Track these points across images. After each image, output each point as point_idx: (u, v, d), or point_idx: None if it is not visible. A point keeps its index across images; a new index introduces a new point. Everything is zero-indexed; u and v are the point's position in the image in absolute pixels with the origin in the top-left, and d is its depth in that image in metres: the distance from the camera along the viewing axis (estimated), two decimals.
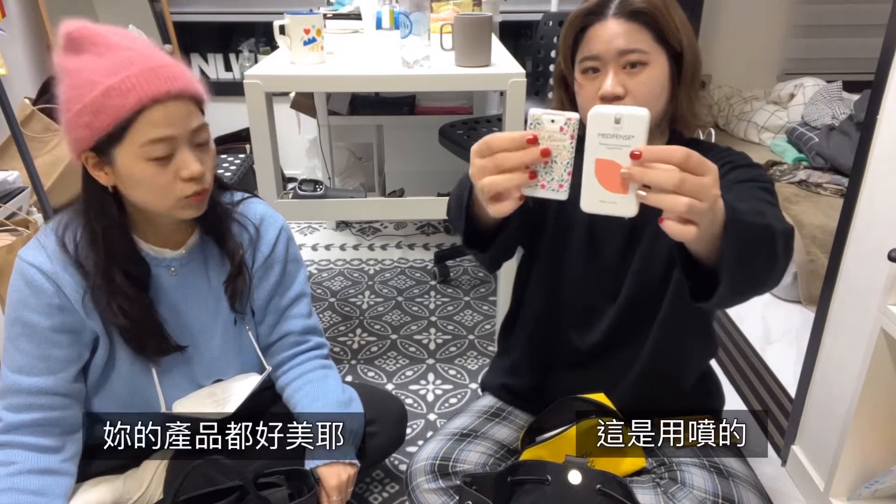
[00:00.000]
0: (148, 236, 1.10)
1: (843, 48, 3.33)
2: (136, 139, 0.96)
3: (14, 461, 1.04)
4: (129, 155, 0.97)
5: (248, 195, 1.24)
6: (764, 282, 0.81)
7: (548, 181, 0.73)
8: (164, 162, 0.98)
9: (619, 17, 0.95)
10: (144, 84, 0.94)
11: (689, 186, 0.65)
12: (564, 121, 0.71)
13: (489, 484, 1.00)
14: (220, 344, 1.19)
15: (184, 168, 0.99)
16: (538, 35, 2.64)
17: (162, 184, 0.99)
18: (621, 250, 1.07)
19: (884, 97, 1.21)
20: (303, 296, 1.28)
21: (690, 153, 0.66)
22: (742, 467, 1.05)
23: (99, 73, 0.95)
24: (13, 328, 1.06)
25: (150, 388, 1.13)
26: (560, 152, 0.72)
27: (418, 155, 2.89)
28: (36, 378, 1.06)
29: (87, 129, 0.96)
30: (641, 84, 0.95)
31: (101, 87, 0.94)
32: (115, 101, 0.94)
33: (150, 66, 0.96)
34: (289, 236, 1.25)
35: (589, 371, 1.14)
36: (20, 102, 2.36)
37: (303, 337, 1.28)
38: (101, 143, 0.97)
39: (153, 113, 0.95)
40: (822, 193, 2.49)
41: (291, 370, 1.27)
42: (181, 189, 1.00)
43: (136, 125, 0.95)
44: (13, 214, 1.96)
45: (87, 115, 0.95)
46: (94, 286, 1.04)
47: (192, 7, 3.28)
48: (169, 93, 0.96)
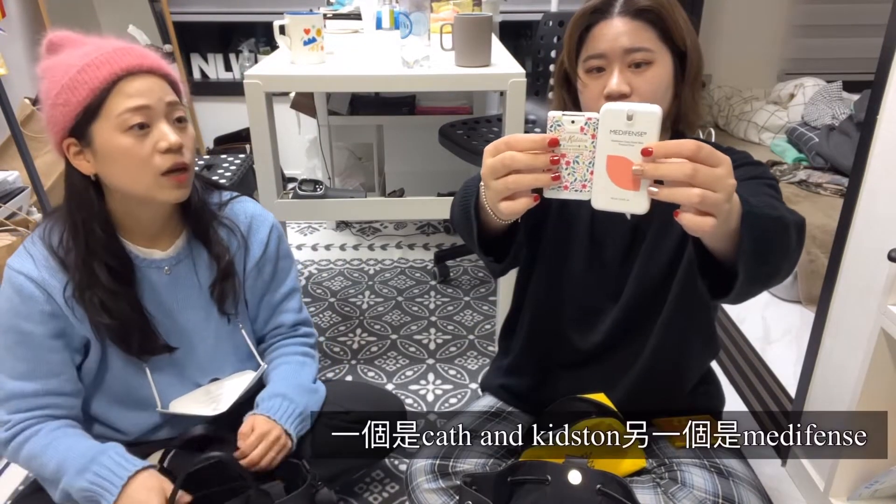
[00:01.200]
0: (135, 236, 1.11)
1: (843, 48, 3.33)
2: (113, 110, 0.99)
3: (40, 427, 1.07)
4: (107, 129, 0.99)
5: (237, 195, 1.24)
6: (778, 273, 0.82)
7: (570, 182, 0.73)
8: (142, 134, 1.00)
9: (625, 16, 0.95)
10: (117, 58, 1.00)
11: (702, 177, 0.65)
12: (585, 121, 0.71)
13: (489, 484, 1.00)
14: (213, 343, 1.19)
15: (161, 139, 1.01)
16: (538, 35, 2.63)
17: (140, 156, 1.00)
18: (623, 251, 1.07)
19: (884, 97, 1.21)
20: (294, 291, 1.30)
21: (701, 145, 0.66)
22: (742, 467, 1.05)
23: (74, 58, 1.00)
24: (7, 337, 1.06)
25: (145, 387, 1.13)
26: (581, 152, 0.72)
27: (418, 155, 2.89)
28: (40, 381, 1.06)
29: (65, 106, 0.99)
30: (647, 83, 0.95)
31: (77, 66, 0.98)
32: (89, 75, 0.98)
33: (122, 46, 1.02)
34: (279, 234, 1.26)
35: (589, 372, 1.14)
36: (20, 102, 2.36)
37: (292, 329, 1.31)
38: (79, 122, 0.99)
39: (128, 84, 0.99)
40: (822, 193, 2.49)
41: (274, 351, 1.30)
42: (159, 162, 1.01)
43: (112, 97, 0.99)
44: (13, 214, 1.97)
45: (65, 94, 0.98)
46: (75, 280, 1.05)
47: (192, 7, 3.27)
48: (141, 66, 1.01)
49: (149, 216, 1.10)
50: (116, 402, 1.15)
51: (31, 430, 1.07)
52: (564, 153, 0.73)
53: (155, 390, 1.13)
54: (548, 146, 0.72)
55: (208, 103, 3.31)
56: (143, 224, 1.10)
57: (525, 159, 0.73)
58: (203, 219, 1.15)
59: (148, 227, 1.11)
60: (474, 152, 2.20)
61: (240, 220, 1.20)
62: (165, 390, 1.16)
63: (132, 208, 1.08)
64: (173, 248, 1.14)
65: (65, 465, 1.04)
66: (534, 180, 0.73)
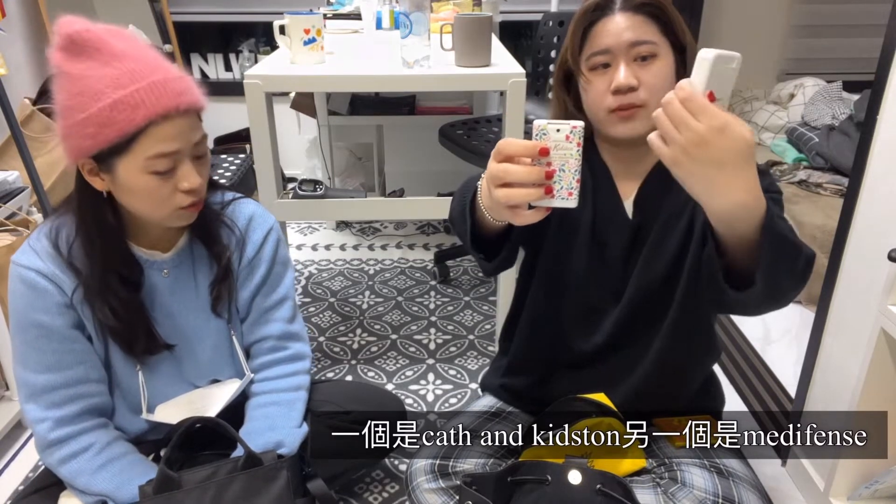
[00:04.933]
0: (139, 239, 1.11)
1: (843, 48, 3.32)
2: (142, 153, 0.96)
3: (92, 442, 1.08)
4: (132, 167, 0.97)
5: (240, 196, 1.23)
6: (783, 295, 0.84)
7: (557, 190, 0.75)
8: (166, 175, 0.99)
9: (626, 11, 0.96)
10: (154, 99, 0.94)
11: (672, 111, 0.72)
12: (570, 129, 0.72)
13: (489, 484, 1.00)
14: (212, 345, 1.19)
15: (184, 180, 1.00)
16: (538, 35, 2.63)
17: (161, 195, 1.00)
18: (625, 251, 1.07)
19: (884, 97, 1.21)
20: (286, 299, 1.24)
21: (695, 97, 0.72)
22: (742, 467, 1.05)
23: (105, 84, 0.93)
24: (27, 333, 1.05)
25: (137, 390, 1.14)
26: (567, 160, 0.73)
27: (418, 155, 2.89)
28: (67, 371, 1.06)
29: (92, 139, 0.95)
30: (653, 76, 0.95)
31: (109, 99, 0.92)
32: (123, 115, 0.93)
33: (159, 79, 0.95)
34: (278, 238, 1.23)
35: (590, 372, 1.14)
36: (20, 102, 2.36)
37: (280, 343, 1.23)
38: (103, 153, 0.97)
39: (161, 129, 0.95)
40: (822, 193, 2.49)
41: (265, 382, 1.22)
42: (179, 200, 1.01)
43: (143, 139, 0.95)
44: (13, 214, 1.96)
45: (93, 127, 0.94)
46: (87, 287, 1.05)
47: (192, 7, 3.27)
48: (178, 108, 0.96)
49: (155, 225, 1.10)
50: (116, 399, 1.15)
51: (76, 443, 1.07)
52: (550, 162, 0.73)
53: (144, 395, 1.13)
54: (539, 155, 0.74)
55: (208, 103, 3.31)
56: (148, 230, 1.11)
57: (518, 173, 0.75)
58: (205, 218, 1.15)
59: (153, 231, 1.11)
60: (474, 152, 2.20)
61: (240, 219, 1.20)
62: (163, 391, 1.16)
63: (140, 221, 1.08)
64: (175, 249, 1.14)
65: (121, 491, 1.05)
66: (525, 195, 0.76)
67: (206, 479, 1.04)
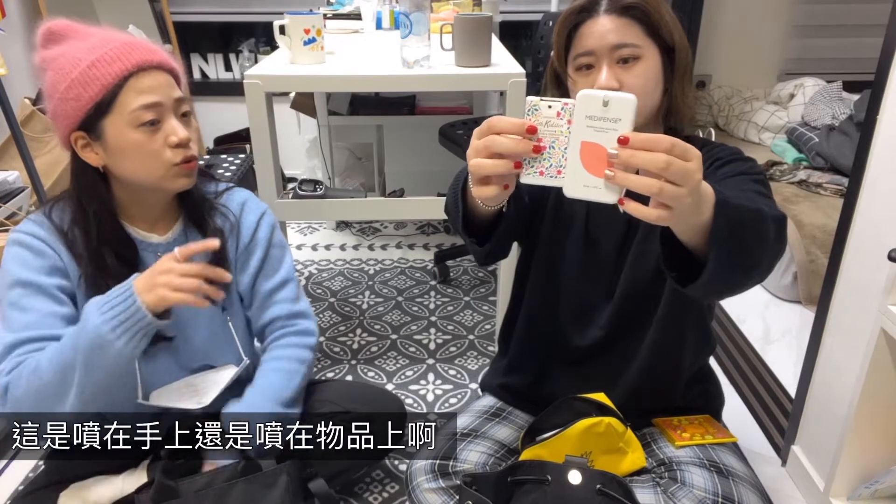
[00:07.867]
0: (136, 220, 1.13)
1: (843, 48, 3.33)
2: (125, 107, 1.01)
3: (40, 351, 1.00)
4: (119, 125, 1.01)
5: (233, 185, 1.27)
6: (757, 265, 0.81)
7: (546, 167, 0.73)
8: (153, 129, 1.03)
9: (611, 13, 0.96)
10: (127, 54, 1.01)
11: (674, 170, 0.65)
12: (561, 106, 0.71)
13: (489, 484, 1.00)
14: (208, 332, 1.19)
15: (172, 134, 1.04)
16: (538, 35, 2.63)
17: (152, 150, 1.04)
18: (617, 247, 1.08)
19: (884, 97, 1.21)
20: (288, 281, 1.27)
21: (676, 141, 0.66)
22: (742, 467, 1.05)
23: (82, 52, 1.01)
24: (12, 292, 1.04)
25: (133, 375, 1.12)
26: (557, 138, 0.72)
27: (418, 155, 2.89)
28: (47, 331, 1.03)
29: (76, 101, 1.00)
30: (635, 78, 0.96)
31: (86, 61, 0.99)
32: (101, 71, 0.99)
33: (129, 40, 1.04)
34: (272, 222, 1.26)
35: (588, 369, 1.14)
36: (20, 102, 2.36)
37: (289, 321, 1.27)
38: (90, 116, 1.01)
39: (139, 80, 1.01)
40: (822, 193, 2.49)
41: (271, 350, 1.25)
42: (170, 156, 1.05)
43: (124, 93, 1.00)
44: (13, 214, 1.96)
45: (76, 89, 0.99)
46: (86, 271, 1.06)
47: (192, 7, 3.28)
48: (151, 62, 1.03)
49: (152, 201, 1.13)
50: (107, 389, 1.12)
51: (25, 361, 1.00)
52: (541, 138, 0.72)
53: (139, 381, 1.12)
54: (527, 133, 0.72)
55: (208, 103, 3.31)
56: (145, 209, 1.13)
57: (507, 144, 0.72)
58: (199, 205, 1.18)
59: (150, 212, 1.14)
60: None
61: (233, 206, 1.23)
62: (160, 378, 1.16)
63: (138, 195, 1.11)
64: (171, 232, 1.16)
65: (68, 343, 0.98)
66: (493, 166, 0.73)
67: (204, 486, 1.04)
